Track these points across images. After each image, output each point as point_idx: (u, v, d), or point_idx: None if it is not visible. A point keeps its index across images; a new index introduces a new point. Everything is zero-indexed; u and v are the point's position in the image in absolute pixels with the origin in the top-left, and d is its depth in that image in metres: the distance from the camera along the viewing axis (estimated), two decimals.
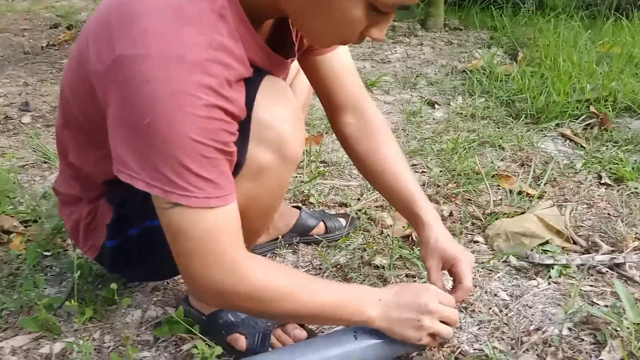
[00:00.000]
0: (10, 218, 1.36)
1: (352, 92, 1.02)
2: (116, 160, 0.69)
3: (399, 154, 1.04)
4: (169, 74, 0.62)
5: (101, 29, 0.68)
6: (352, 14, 0.67)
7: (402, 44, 3.07)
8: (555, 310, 1.06)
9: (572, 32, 2.60)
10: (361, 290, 0.86)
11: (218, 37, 0.66)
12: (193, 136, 0.64)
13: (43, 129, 2.04)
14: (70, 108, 0.81)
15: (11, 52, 3.26)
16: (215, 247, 0.70)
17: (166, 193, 0.66)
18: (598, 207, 1.43)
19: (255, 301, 0.75)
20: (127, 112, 0.65)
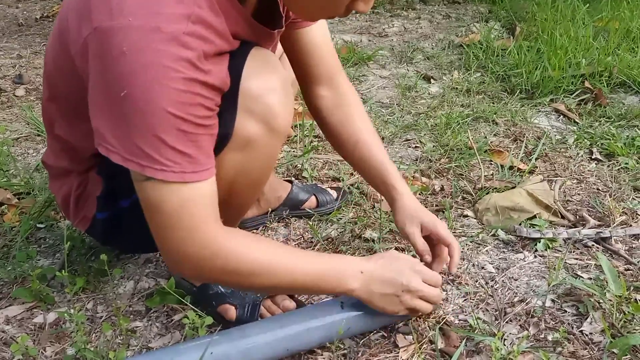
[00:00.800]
0: (3, 191, 1.37)
1: (327, 65, 1.02)
2: (95, 133, 0.69)
3: (371, 127, 1.06)
4: (146, 45, 0.62)
5: (81, 2, 0.67)
6: None
7: (400, 17, 3.03)
8: (539, 283, 1.08)
9: (570, 6, 2.56)
10: (344, 262, 0.87)
11: (197, 10, 0.65)
12: (170, 109, 0.63)
13: (37, 102, 2.04)
14: (55, 82, 0.81)
15: (5, 24, 3.22)
16: (189, 222, 0.70)
17: (142, 167, 0.66)
18: (588, 182, 1.44)
19: (232, 274, 0.76)
20: (105, 84, 0.64)
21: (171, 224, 0.70)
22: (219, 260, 0.74)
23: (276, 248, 0.85)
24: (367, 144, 1.03)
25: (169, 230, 0.71)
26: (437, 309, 0.99)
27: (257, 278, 0.77)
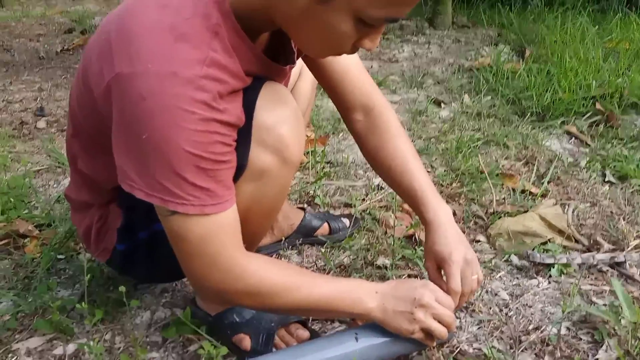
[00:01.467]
0: (25, 222, 1.41)
1: (359, 88, 1.03)
2: (119, 170, 0.73)
3: (407, 149, 1.03)
4: (163, 90, 0.65)
5: (103, 48, 0.71)
6: (341, 28, 0.69)
7: (410, 43, 3.08)
8: (554, 310, 1.08)
9: (579, 28, 2.58)
10: (358, 283, 0.89)
11: (212, 53, 0.68)
12: (189, 149, 0.67)
13: (57, 134, 2.10)
14: (78, 118, 0.85)
15: (27, 58, 3.33)
16: (212, 249, 0.75)
17: (164, 202, 0.70)
18: (601, 205, 1.44)
19: (254, 296, 0.80)
20: (126, 127, 0.68)
21: (196, 252, 0.75)
22: (241, 282, 0.78)
23: (294, 270, 0.88)
24: (400, 170, 1.01)
25: (194, 258, 0.76)
26: (452, 338, 0.99)
27: (277, 298, 0.80)
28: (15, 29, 4.13)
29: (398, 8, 0.68)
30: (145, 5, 0.70)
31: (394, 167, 1.02)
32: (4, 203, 1.45)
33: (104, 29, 0.73)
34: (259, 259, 0.82)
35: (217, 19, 0.69)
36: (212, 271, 0.76)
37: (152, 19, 0.68)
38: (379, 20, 0.69)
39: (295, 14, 0.70)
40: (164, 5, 0.68)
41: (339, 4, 0.66)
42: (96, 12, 4.59)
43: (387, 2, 0.66)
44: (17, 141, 2.03)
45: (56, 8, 4.96)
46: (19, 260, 1.29)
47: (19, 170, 1.75)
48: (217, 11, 0.69)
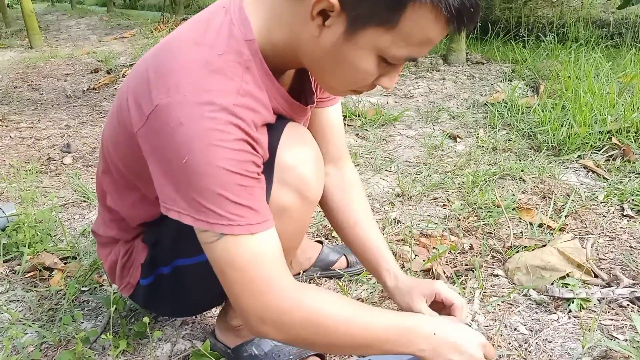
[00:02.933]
0: (51, 255, 1.45)
1: (335, 146, 1.09)
2: (164, 199, 0.74)
3: (369, 209, 1.10)
4: (201, 115, 0.68)
5: (140, 86, 0.75)
6: (364, 66, 0.73)
7: (425, 79, 3.13)
8: (574, 345, 1.07)
9: (593, 63, 2.61)
10: (416, 321, 0.84)
11: (245, 85, 0.72)
12: (227, 167, 0.69)
13: (83, 169, 2.17)
14: (111, 157, 0.89)
15: (54, 96, 3.47)
16: (263, 273, 0.72)
17: (211, 225, 0.70)
18: (620, 239, 1.43)
19: (312, 328, 0.75)
20: (167, 155, 0.71)
21: (247, 278, 0.72)
22: (300, 312, 0.74)
23: (349, 302, 0.84)
24: (365, 227, 1.06)
25: (245, 286, 0.72)
26: None
27: (335, 332, 0.77)
28: (43, 69, 4.32)
29: (420, 48, 0.71)
30: (181, 43, 0.74)
31: (359, 223, 1.06)
32: (32, 236, 1.50)
33: (140, 69, 0.77)
34: (310, 287, 0.81)
35: (248, 56, 0.73)
36: (267, 298, 0.72)
37: (188, 55, 0.72)
38: (400, 59, 0.72)
39: (320, 54, 0.74)
40: (199, 43, 0.72)
41: (364, 42, 0.70)
42: (121, 53, 4.77)
43: (410, 42, 0.69)
44: (44, 176, 2.10)
45: (83, 49, 5.17)
46: (44, 292, 1.33)
47: (46, 204, 1.81)
48: (247, 49, 0.74)
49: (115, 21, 7.63)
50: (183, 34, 0.76)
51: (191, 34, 0.74)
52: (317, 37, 0.71)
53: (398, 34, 0.68)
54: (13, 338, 1.11)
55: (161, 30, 5.72)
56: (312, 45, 0.73)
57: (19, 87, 3.79)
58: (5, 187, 1.97)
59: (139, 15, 8.40)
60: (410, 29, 0.67)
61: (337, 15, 0.68)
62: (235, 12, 0.75)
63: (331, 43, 0.71)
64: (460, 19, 0.67)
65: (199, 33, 0.74)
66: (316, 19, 0.70)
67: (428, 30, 0.68)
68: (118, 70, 3.94)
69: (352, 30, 0.69)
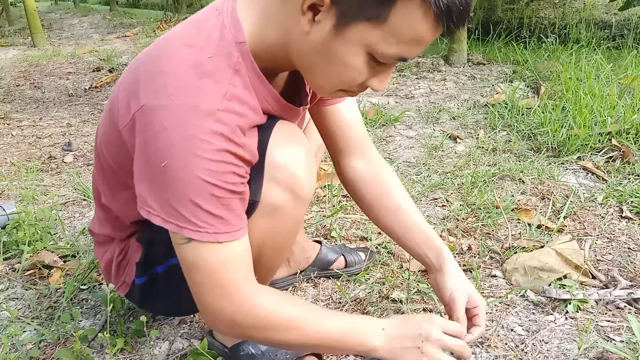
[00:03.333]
0: (50, 253, 1.46)
1: (358, 138, 1.08)
2: (138, 198, 0.76)
3: (407, 194, 1.10)
4: (184, 121, 0.69)
5: (130, 84, 0.76)
6: (353, 62, 0.73)
7: (426, 80, 3.13)
8: (570, 346, 1.07)
9: (594, 64, 2.61)
10: (365, 320, 0.88)
11: (232, 88, 0.73)
12: (204, 177, 0.70)
13: (84, 168, 2.18)
14: (103, 155, 0.90)
15: (56, 95, 3.48)
16: (225, 280, 0.76)
17: (180, 228, 0.73)
18: (619, 241, 1.43)
19: (263, 331, 0.79)
20: (148, 155, 0.72)
21: (208, 282, 0.76)
22: (251, 316, 0.78)
23: (304, 306, 0.88)
24: (408, 211, 1.06)
25: (206, 289, 0.76)
26: None
27: (286, 334, 0.80)
28: (46, 68, 4.33)
29: (410, 47, 0.71)
30: (173, 45, 0.75)
31: (402, 208, 1.06)
32: (32, 234, 1.50)
33: (133, 67, 0.79)
34: (270, 292, 0.83)
35: (237, 58, 0.74)
36: (225, 303, 0.77)
37: (178, 57, 0.73)
38: (390, 58, 0.72)
39: (310, 49, 0.74)
40: (190, 45, 0.73)
41: (353, 38, 0.70)
42: (123, 52, 4.78)
43: (399, 40, 0.69)
44: (45, 175, 2.11)
45: (85, 47, 5.18)
46: (43, 290, 1.33)
47: (46, 202, 1.82)
48: (238, 51, 0.74)
49: (117, 20, 7.65)
50: (176, 35, 0.77)
51: (183, 36, 0.75)
52: (307, 33, 0.72)
53: (387, 30, 0.68)
54: (12, 336, 1.12)
55: (163, 29, 5.73)
56: (302, 42, 0.73)
57: (21, 85, 3.80)
58: (6, 185, 1.98)
59: (141, 14, 8.41)
60: (400, 25, 0.67)
61: (327, 10, 0.69)
62: (227, 14, 0.75)
63: (321, 39, 0.71)
64: (450, 17, 0.67)
65: (191, 35, 0.75)
66: (307, 14, 0.70)
67: (417, 27, 0.68)
68: (120, 69, 3.95)
69: (341, 25, 0.69)
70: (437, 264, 1.02)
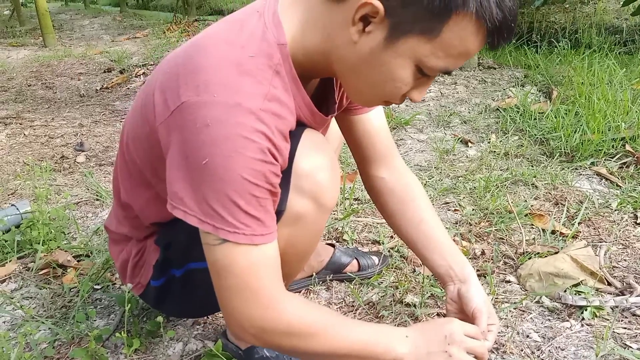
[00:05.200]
0: (64, 253, 1.46)
1: (384, 149, 1.08)
2: (171, 197, 0.74)
3: (431, 206, 1.09)
4: (227, 119, 0.68)
5: (168, 80, 0.75)
6: (400, 74, 0.73)
7: (437, 83, 3.12)
8: (587, 353, 1.06)
9: (607, 69, 2.59)
10: (389, 329, 0.88)
11: (273, 90, 0.72)
12: (245, 176, 0.69)
13: (96, 168, 2.19)
14: (130, 152, 0.89)
15: (68, 95, 3.50)
16: (256, 283, 0.74)
17: (216, 229, 0.71)
18: (634, 247, 1.42)
19: (293, 337, 0.78)
20: (188, 152, 0.71)
21: (238, 286, 0.74)
22: (282, 322, 0.76)
23: (329, 312, 0.88)
24: (431, 223, 1.06)
25: (235, 292, 0.74)
26: None
27: (313, 341, 0.79)
28: (57, 68, 4.36)
29: (456, 60, 0.71)
30: (214, 41, 0.74)
31: (425, 220, 1.06)
32: (45, 234, 1.51)
33: (171, 63, 0.77)
34: (296, 298, 0.82)
35: (278, 60, 0.73)
36: (254, 307, 0.75)
37: (220, 54, 0.72)
38: (436, 71, 0.72)
39: (356, 60, 0.73)
40: (231, 43, 0.73)
41: (404, 51, 0.70)
42: (134, 53, 4.81)
43: (449, 54, 0.69)
44: (57, 174, 2.12)
45: (96, 48, 5.21)
46: (57, 290, 1.34)
47: (60, 202, 1.83)
48: (279, 52, 0.74)
49: (128, 21, 7.69)
50: (215, 32, 0.76)
51: (224, 34, 0.75)
52: (354, 42, 0.71)
53: (439, 44, 0.68)
54: (27, 335, 1.12)
55: (173, 30, 5.76)
56: (348, 51, 0.73)
57: (33, 85, 3.83)
58: (19, 185, 1.99)
59: (151, 16, 8.46)
60: (451, 39, 0.68)
61: (380, 22, 0.68)
62: (269, 16, 0.75)
63: (369, 49, 0.71)
64: (500, 33, 0.67)
65: (232, 33, 0.74)
66: (357, 24, 0.69)
67: (468, 41, 0.68)
68: (131, 70, 3.97)
69: (393, 38, 0.69)
70: (462, 276, 1.01)
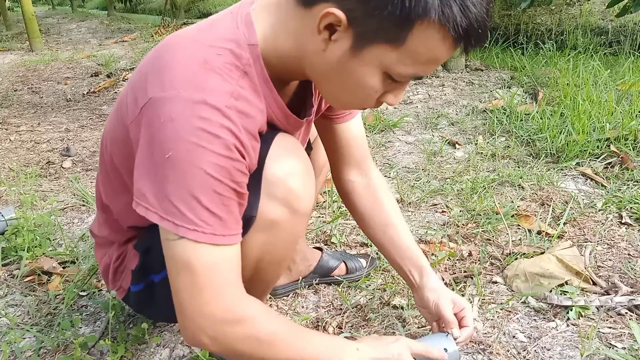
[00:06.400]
0: (50, 259, 1.45)
1: (359, 156, 1.11)
2: (136, 194, 0.73)
3: (399, 211, 1.12)
4: (192, 113, 0.68)
5: (138, 80, 0.75)
6: (369, 82, 0.73)
7: (424, 85, 3.14)
8: (573, 353, 1.07)
9: (592, 71, 2.62)
10: (341, 342, 0.86)
11: (239, 89, 0.72)
12: (209, 171, 0.68)
13: (82, 173, 2.17)
14: (108, 154, 0.89)
15: (54, 100, 3.48)
16: (217, 283, 0.72)
17: (176, 227, 0.69)
18: (618, 247, 1.44)
19: (253, 343, 0.75)
20: (152, 147, 0.70)
21: (199, 284, 0.71)
22: (241, 326, 0.74)
23: (288, 321, 0.86)
24: (397, 227, 1.09)
25: (195, 291, 0.72)
26: None
27: (274, 349, 0.77)
28: (44, 72, 4.32)
29: (425, 67, 0.71)
30: (182, 41, 0.74)
31: (391, 223, 1.09)
32: (31, 240, 1.49)
33: (141, 65, 0.78)
34: (258, 302, 0.79)
35: (247, 60, 0.73)
36: (213, 308, 0.72)
37: (187, 52, 0.72)
38: (406, 77, 0.72)
39: (326, 67, 0.73)
40: (199, 41, 0.73)
41: (370, 59, 0.70)
42: (122, 56, 4.78)
43: (416, 61, 0.69)
44: (43, 180, 2.10)
45: (84, 52, 5.18)
46: (43, 297, 1.33)
47: (45, 208, 1.81)
48: (249, 53, 0.73)
49: (115, 25, 7.65)
50: (185, 32, 0.77)
51: (193, 32, 0.75)
52: (323, 50, 0.71)
53: (404, 52, 0.68)
54: (11, 343, 1.11)
55: (162, 34, 5.74)
56: (318, 58, 0.73)
57: (19, 90, 3.79)
58: (4, 191, 1.97)
59: (139, 19, 8.42)
60: (417, 47, 0.67)
61: (344, 30, 0.68)
62: (241, 17, 0.75)
63: (337, 58, 0.71)
64: (468, 40, 0.67)
65: (201, 32, 0.75)
66: (322, 33, 0.69)
67: (435, 49, 0.68)
68: (118, 74, 3.95)
69: (358, 46, 0.69)
70: (419, 281, 1.05)
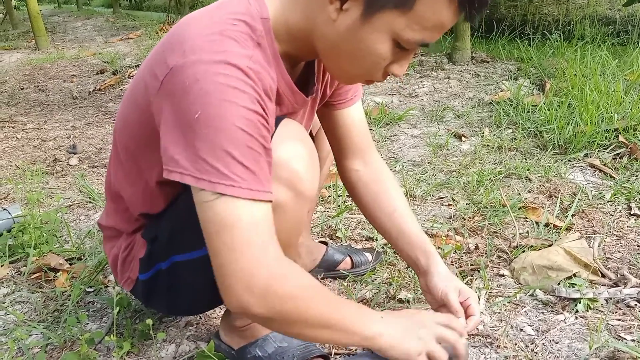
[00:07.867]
0: (56, 256, 1.45)
1: (361, 143, 1.10)
2: (167, 162, 0.72)
3: (404, 198, 1.12)
4: (216, 72, 0.69)
5: (156, 60, 0.76)
6: (379, 49, 0.75)
7: (430, 78, 3.12)
8: (581, 346, 1.06)
9: (599, 61, 2.59)
10: (366, 309, 0.86)
11: (256, 54, 0.74)
12: (239, 124, 0.69)
13: (89, 170, 2.18)
14: (121, 138, 0.89)
15: (60, 97, 3.49)
16: (260, 239, 0.70)
17: (213, 185, 0.68)
18: (628, 238, 1.42)
19: (297, 300, 0.74)
20: (179, 112, 0.70)
21: (242, 241, 0.70)
22: (288, 283, 0.73)
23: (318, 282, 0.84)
24: (403, 214, 1.08)
25: (241, 249, 0.70)
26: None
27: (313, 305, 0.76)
28: (50, 70, 4.34)
29: (432, 33, 0.73)
30: (197, 18, 0.76)
31: (398, 210, 1.08)
32: (37, 237, 1.50)
33: (157, 47, 0.79)
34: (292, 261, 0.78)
35: (260, 32, 0.75)
36: (262, 264, 0.70)
37: (203, 24, 0.73)
38: (414, 44, 0.74)
39: (336, 38, 0.75)
40: (214, 17, 0.75)
41: (380, 25, 0.72)
42: (127, 54, 4.79)
43: (424, 26, 0.71)
44: (50, 177, 2.11)
45: (89, 50, 5.19)
46: (50, 294, 1.33)
47: (52, 205, 1.82)
48: (262, 26, 0.76)
49: (121, 22, 7.67)
50: (197, 12, 0.78)
51: (206, 11, 0.77)
52: (333, 20, 0.73)
53: (413, 17, 0.71)
54: (18, 339, 1.11)
55: (166, 31, 5.74)
56: (328, 29, 0.75)
57: (26, 88, 3.81)
58: (11, 189, 1.98)
59: (144, 17, 8.43)
60: (425, 12, 0.70)
61: None
62: None
63: (347, 27, 0.73)
64: (472, 3, 0.69)
65: (214, 10, 0.76)
66: (334, 2, 0.72)
67: (441, 13, 0.70)
68: (124, 71, 3.95)
69: (369, 13, 0.71)
70: (426, 266, 1.04)
